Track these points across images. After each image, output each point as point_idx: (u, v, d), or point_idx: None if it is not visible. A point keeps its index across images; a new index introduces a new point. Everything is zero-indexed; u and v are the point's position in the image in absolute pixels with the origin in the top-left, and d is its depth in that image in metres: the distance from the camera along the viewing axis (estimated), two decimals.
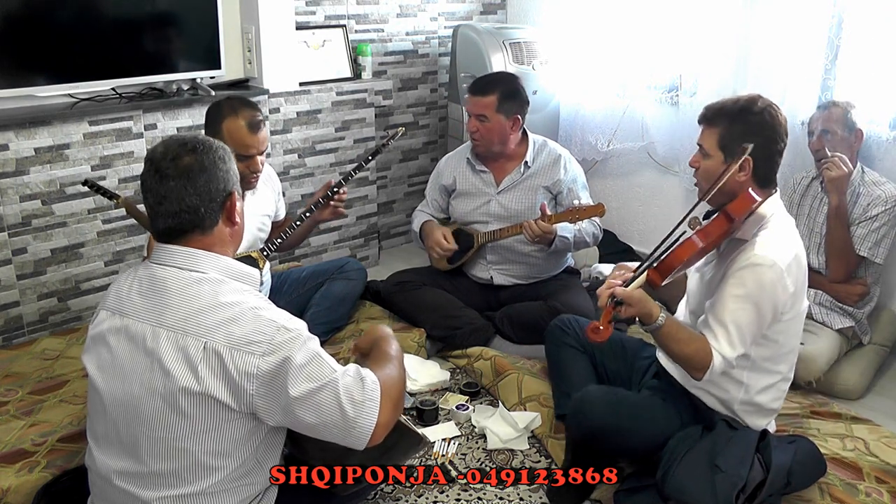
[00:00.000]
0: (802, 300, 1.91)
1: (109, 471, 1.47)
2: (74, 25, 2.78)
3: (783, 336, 1.90)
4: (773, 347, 1.91)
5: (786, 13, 3.01)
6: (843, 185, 2.60)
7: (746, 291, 1.80)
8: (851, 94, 2.83)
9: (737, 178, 1.86)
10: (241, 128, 2.31)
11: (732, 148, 1.88)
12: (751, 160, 1.86)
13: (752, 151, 1.85)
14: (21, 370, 2.57)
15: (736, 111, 1.90)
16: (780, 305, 1.82)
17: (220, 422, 1.42)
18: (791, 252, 1.84)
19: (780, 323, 1.86)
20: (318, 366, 1.43)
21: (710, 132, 1.92)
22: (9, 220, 2.76)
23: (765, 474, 1.82)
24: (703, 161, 1.94)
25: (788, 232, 1.90)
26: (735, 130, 1.88)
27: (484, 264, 2.95)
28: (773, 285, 1.79)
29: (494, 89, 2.74)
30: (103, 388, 1.47)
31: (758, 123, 1.88)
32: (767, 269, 1.78)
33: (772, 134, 1.89)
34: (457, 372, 2.73)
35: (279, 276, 2.90)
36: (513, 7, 4.24)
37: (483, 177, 2.90)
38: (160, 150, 1.49)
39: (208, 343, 1.38)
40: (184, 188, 1.45)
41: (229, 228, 1.53)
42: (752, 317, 1.81)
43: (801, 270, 1.87)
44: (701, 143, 1.95)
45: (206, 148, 1.50)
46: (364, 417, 1.45)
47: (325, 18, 3.62)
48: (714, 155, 1.91)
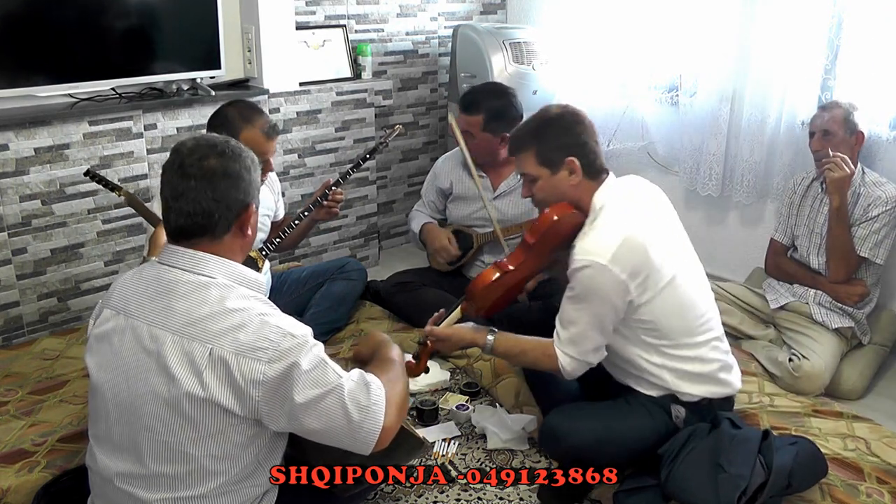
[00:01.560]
0: (660, 276, 1.86)
1: (111, 472, 1.46)
2: (74, 25, 2.78)
3: (658, 315, 1.88)
4: (654, 329, 1.90)
5: (786, 13, 3.01)
6: (844, 185, 2.59)
7: (575, 293, 1.87)
8: (851, 95, 2.83)
9: (569, 181, 1.92)
10: (258, 136, 2.29)
11: (552, 158, 1.93)
12: (576, 160, 1.91)
13: (570, 151, 1.91)
14: (21, 370, 2.57)
15: (534, 127, 1.97)
16: (616, 297, 1.83)
17: (224, 427, 1.41)
18: (616, 240, 1.82)
19: (641, 306, 1.86)
20: (323, 372, 1.43)
21: (525, 156, 1.96)
22: (9, 220, 2.76)
23: (766, 475, 1.81)
24: (534, 186, 1.97)
25: (617, 218, 1.88)
26: (545, 142, 1.93)
27: (482, 266, 2.95)
28: (596, 283, 1.82)
29: (480, 109, 2.72)
30: (105, 390, 1.46)
31: (560, 127, 1.95)
32: (587, 269, 1.82)
33: (578, 128, 1.95)
34: (457, 372, 2.72)
35: (279, 276, 2.90)
36: (513, 7, 4.24)
37: (480, 181, 2.90)
38: (189, 145, 1.47)
39: (214, 349, 1.38)
40: (203, 191, 1.43)
41: (240, 239, 1.51)
42: (587, 316, 1.86)
43: (635, 252, 1.83)
44: (523, 171, 1.99)
45: (235, 154, 1.48)
46: (370, 422, 1.45)
47: (325, 18, 3.62)
48: (540, 173, 1.95)
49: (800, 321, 2.73)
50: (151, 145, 3.03)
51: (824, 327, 2.67)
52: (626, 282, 1.83)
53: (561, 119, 1.97)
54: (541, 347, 1.94)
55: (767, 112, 3.14)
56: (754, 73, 3.16)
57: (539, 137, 1.95)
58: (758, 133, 3.18)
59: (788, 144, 3.11)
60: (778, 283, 2.89)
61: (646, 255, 1.85)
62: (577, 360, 1.90)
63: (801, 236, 2.84)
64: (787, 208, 2.90)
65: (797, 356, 2.59)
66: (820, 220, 2.76)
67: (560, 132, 1.94)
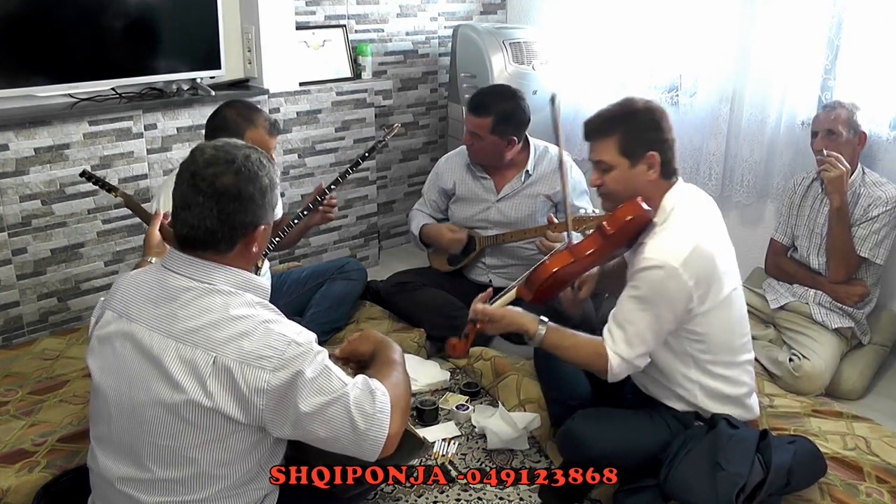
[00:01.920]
0: (721, 288, 1.86)
1: (112, 475, 1.46)
2: (74, 25, 2.78)
3: (711, 328, 1.87)
4: (703, 342, 1.89)
5: (786, 13, 3.01)
6: (842, 184, 2.59)
7: (639, 293, 1.81)
8: (851, 94, 2.83)
9: (646, 177, 1.87)
10: (262, 135, 2.30)
11: (635, 150, 1.86)
12: (657, 156, 1.86)
13: (654, 146, 1.86)
14: (21, 370, 2.56)
15: (620, 115, 1.90)
16: (680, 303, 1.81)
17: (226, 433, 1.41)
18: (688, 246, 1.79)
19: (698, 316, 1.84)
20: (328, 379, 1.42)
21: (605, 143, 1.89)
22: (9, 220, 2.76)
23: (764, 474, 1.81)
24: (607, 175, 1.90)
25: (687, 224, 1.86)
26: (630, 132, 1.87)
27: (483, 268, 2.95)
28: (664, 286, 1.78)
29: (490, 112, 2.71)
30: (107, 393, 1.46)
31: (647, 119, 1.88)
32: (658, 270, 1.77)
33: (664, 124, 1.89)
34: (457, 372, 2.73)
35: (279, 277, 2.90)
36: (513, 7, 4.24)
37: (483, 183, 2.90)
38: (209, 154, 1.43)
39: (218, 358, 1.37)
40: (209, 209, 1.40)
41: (247, 254, 1.48)
42: (648, 318, 1.81)
43: (704, 260, 1.81)
44: (599, 159, 1.91)
45: (252, 175, 1.43)
46: (375, 430, 1.45)
47: (325, 18, 3.62)
48: (619, 163, 1.88)
49: (800, 321, 2.73)
50: (151, 145, 3.03)
51: (824, 327, 2.67)
52: (692, 289, 1.80)
53: (650, 112, 1.90)
54: (592, 346, 1.87)
55: (767, 112, 3.14)
56: (754, 73, 3.16)
57: (624, 126, 1.87)
58: (758, 133, 3.18)
59: (788, 144, 3.11)
60: (778, 283, 2.89)
61: (713, 265, 1.83)
62: (627, 362, 1.84)
63: (802, 236, 2.84)
64: (788, 208, 2.90)
65: (797, 356, 2.59)
66: (820, 220, 2.75)
67: (646, 125, 1.88)
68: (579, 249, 1.90)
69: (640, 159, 1.86)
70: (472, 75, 3.61)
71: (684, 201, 1.89)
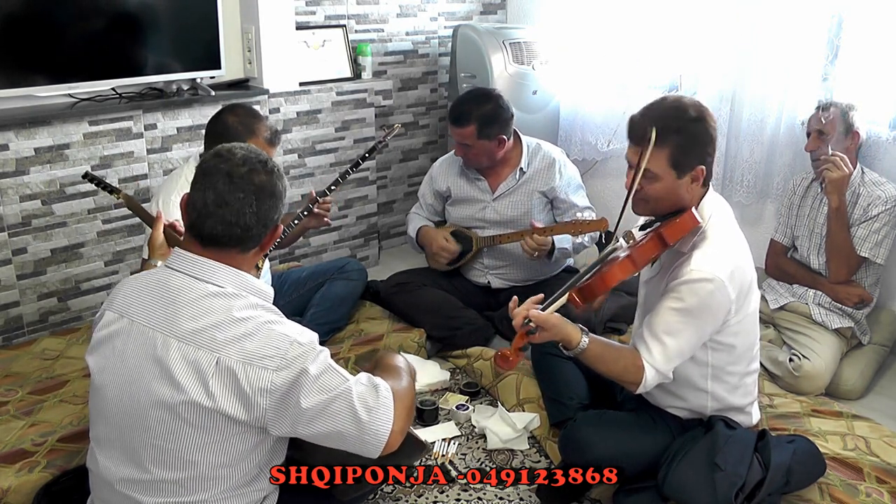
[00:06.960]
0: (750, 299, 1.86)
1: (112, 476, 1.46)
2: (75, 25, 2.77)
3: (738, 338, 1.87)
4: (729, 351, 1.88)
5: (786, 13, 3.01)
6: (843, 185, 2.59)
7: (684, 306, 1.76)
8: (851, 95, 2.83)
9: (689, 188, 1.81)
10: (262, 146, 2.26)
11: (686, 164, 1.78)
12: (704, 170, 1.81)
13: (703, 160, 1.80)
14: (21, 370, 2.57)
15: (674, 126, 1.77)
16: (721, 315, 1.79)
17: (228, 435, 1.41)
18: (732, 260, 1.79)
19: (730, 326, 1.83)
20: (331, 376, 1.43)
21: (655, 153, 1.76)
22: (9, 220, 2.76)
23: (763, 473, 1.82)
24: (651, 185, 1.80)
25: (727, 236, 1.84)
26: (683, 146, 1.77)
27: (481, 269, 2.95)
28: (712, 298, 1.75)
29: (471, 119, 2.70)
30: (108, 393, 1.46)
31: (702, 131, 1.79)
32: (707, 283, 1.74)
33: (714, 134, 1.81)
34: (457, 372, 2.73)
35: (279, 277, 2.90)
36: (513, 7, 4.24)
37: (478, 184, 2.90)
38: (240, 154, 1.46)
39: (221, 358, 1.37)
40: (249, 205, 1.43)
41: (259, 255, 1.53)
42: (690, 331, 1.77)
43: (744, 273, 1.82)
44: (646, 167, 1.77)
45: (280, 175, 1.50)
46: (379, 423, 1.45)
47: (325, 18, 3.62)
48: (666, 175, 1.79)
49: (800, 321, 2.73)
50: (151, 145, 3.03)
51: (824, 327, 2.67)
52: (733, 302, 1.78)
53: (705, 123, 1.79)
54: (630, 357, 1.81)
55: (767, 112, 3.14)
56: (754, 73, 3.16)
57: (679, 137, 1.76)
58: (758, 133, 3.18)
59: (788, 144, 3.11)
60: (778, 284, 2.89)
61: (747, 277, 1.83)
62: (661, 374, 1.80)
63: (801, 237, 2.84)
64: (787, 209, 2.90)
65: (797, 356, 2.59)
66: (820, 220, 2.75)
67: (701, 138, 1.78)
68: (642, 258, 1.78)
69: (687, 172, 1.80)
70: (472, 75, 3.62)
71: (718, 211, 1.87)
